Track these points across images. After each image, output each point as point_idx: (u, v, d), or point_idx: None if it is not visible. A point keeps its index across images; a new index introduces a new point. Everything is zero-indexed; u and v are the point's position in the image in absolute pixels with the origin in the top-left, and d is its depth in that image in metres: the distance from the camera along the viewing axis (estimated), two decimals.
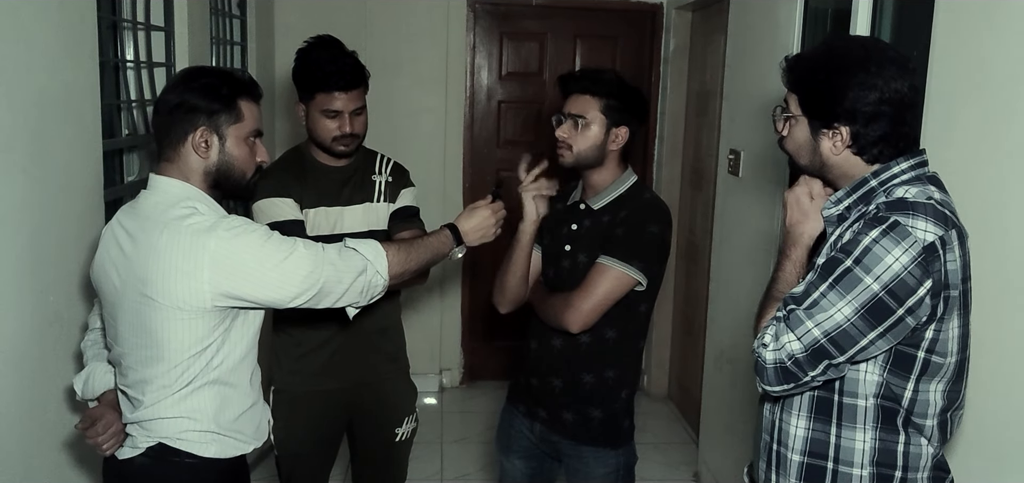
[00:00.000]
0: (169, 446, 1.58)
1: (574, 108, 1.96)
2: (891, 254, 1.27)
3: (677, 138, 4.25)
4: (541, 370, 2.07)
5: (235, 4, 3.46)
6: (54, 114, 1.91)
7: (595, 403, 2.01)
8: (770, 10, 2.86)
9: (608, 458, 2.04)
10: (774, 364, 1.34)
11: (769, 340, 1.36)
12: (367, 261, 1.65)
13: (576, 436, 2.03)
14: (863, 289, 1.28)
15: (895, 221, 1.29)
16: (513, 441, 2.17)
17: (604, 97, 1.95)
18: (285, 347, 2.29)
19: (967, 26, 1.83)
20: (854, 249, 1.30)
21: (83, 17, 2.04)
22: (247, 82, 1.66)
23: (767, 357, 1.35)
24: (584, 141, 1.95)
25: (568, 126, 1.96)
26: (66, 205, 1.96)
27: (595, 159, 1.97)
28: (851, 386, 1.40)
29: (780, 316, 1.37)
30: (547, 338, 2.04)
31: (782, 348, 1.33)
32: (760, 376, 1.37)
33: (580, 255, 1.99)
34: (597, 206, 2.02)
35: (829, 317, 1.30)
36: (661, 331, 4.42)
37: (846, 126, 1.37)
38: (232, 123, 1.59)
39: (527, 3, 4.22)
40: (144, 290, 1.51)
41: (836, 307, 1.30)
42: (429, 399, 4.32)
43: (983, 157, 1.77)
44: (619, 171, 2.02)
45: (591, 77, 1.98)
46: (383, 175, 2.30)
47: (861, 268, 1.29)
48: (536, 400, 2.09)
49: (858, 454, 1.40)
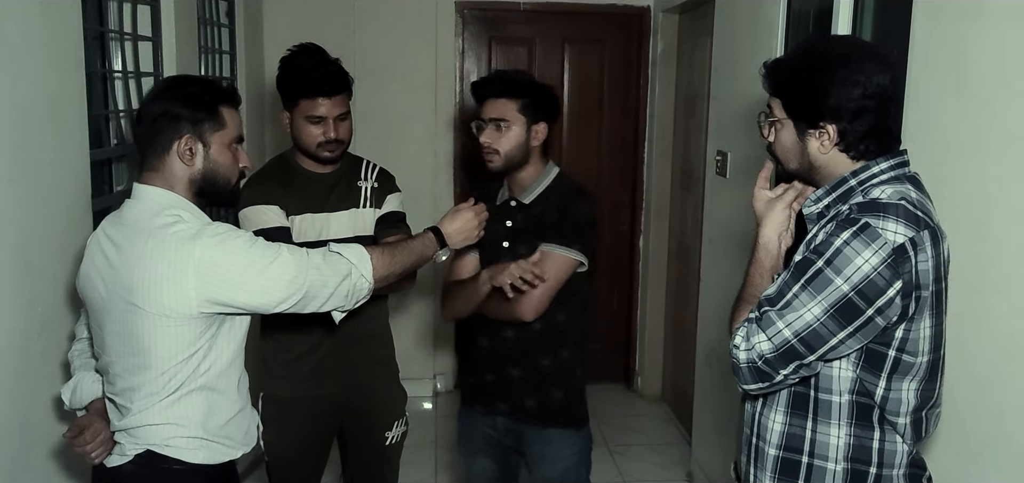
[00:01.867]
0: (157, 453, 1.59)
1: (494, 112, 2.03)
2: (861, 255, 1.29)
3: (666, 140, 4.26)
4: (495, 364, 2.12)
5: (223, 13, 3.47)
6: (40, 124, 1.91)
7: (555, 384, 2.09)
8: (754, 12, 2.88)
9: (573, 439, 2.12)
10: (747, 364, 1.37)
11: (740, 341, 1.38)
12: (351, 265, 1.66)
13: (541, 419, 2.10)
14: (833, 290, 1.30)
15: (865, 222, 1.30)
16: (476, 442, 2.22)
17: (520, 97, 2.03)
18: (273, 352, 2.30)
19: (946, 25, 1.85)
20: (826, 250, 1.32)
21: (69, 27, 2.05)
22: (228, 90, 1.68)
23: (740, 357, 1.38)
24: (508, 142, 2.03)
25: (491, 131, 2.03)
26: (53, 214, 1.97)
27: (521, 158, 2.05)
28: (826, 382, 1.41)
29: (753, 317, 1.39)
30: (497, 331, 2.10)
31: (753, 348, 1.36)
32: (737, 375, 1.40)
33: (520, 249, 2.05)
34: (527, 200, 2.09)
35: (799, 317, 1.32)
36: (653, 332, 4.43)
37: (832, 124, 1.38)
38: (216, 130, 1.61)
39: (515, 7, 4.24)
40: (130, 298, 1.52)
41: (806, 307, 1.32)
42: (424, 404, 4.33)
43: (962, 156, 1.78)
44: (542, 165, 2.11)
45: (506, 80, 2.07)
46: (369, 181, 2.31)
47: (831, 269, 1.30)
48: (494, 395, 2.14)
49: (833, 449, 1.41)
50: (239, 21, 3.54)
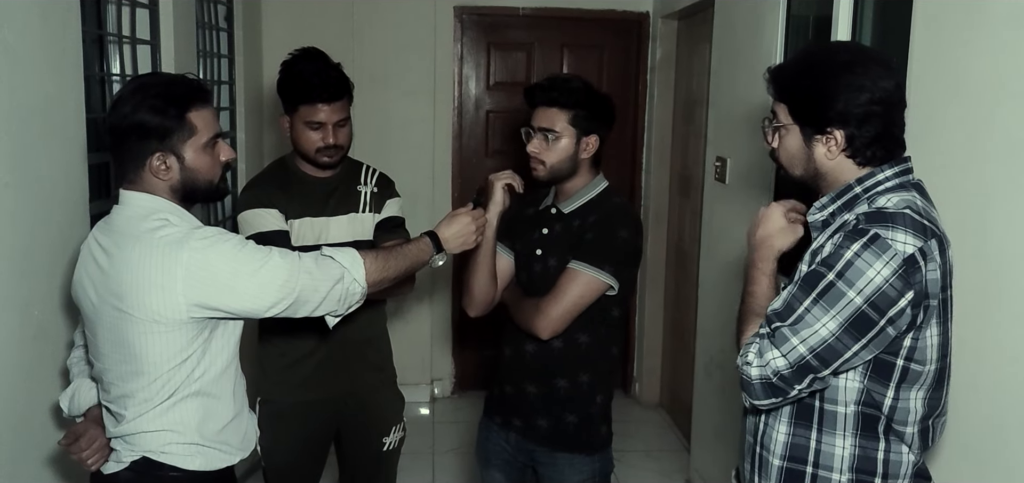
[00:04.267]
0: (153, 460, 1.57)
1: (543, 122, 1.95)
2: (872, 267, 1.28)
3: (665, 146, 4.26)
4: (514, 377, 2.07)
5: (222, 17, 3.47)
6: (38, 127, 1.91)
7: (569, 408, 2.01)
8: (754, 18, 2.89)
9: (582, 464, 2.03)
10: (760, 380, 1.35)
11: (753, 357, 1.36)
12: (344, 269, 1.64)
13: (551, 442, 2.03)
14: (846, 303, 1.29)
15: (875, 233, 1.29)
16: (492, 455, 2.17)
17: (572, 108, 1.94)
18: (271, 357, 2.29)
19: (946, 31, 1.85)
20: (836, 262, 1.31)
21: (67, 31, 2.04)
22: (194, 89, 1.58)
23: (752, 374, 1.36)
24: (555, 154, 1.95)
25: (538, 141, 1.96)
26: (50, 218, 1.96)
27: (568, 171, 1.98)
28: (832, 393, 1.40)
29: (764, 333, 1.37)
30: (520, 344, 2.03)
31: (767, 365, 1.34)
32: (747, 391, 1.38)
33: (550, 259, 1.99)
34: (567, 210, 2.02)
35: (814, 333, 1.31)
36: (652, 339, 4.42)
37: (840, 130, 1.37)
38: (187, 139, 1.54)
39: (514, 13, 4.24)
40: (119, 305, 1.50)
41: (820, 322, 1.31)
42: (421, 409, 4.32)
43: (963, 161, 1.78)
44: (590, 176, 2.03)
45: (558, 88, 1.97)
46: (368, 186, 2.30)
47: (843, 282, 1.29)
48: (511, 409, 2.09)
49: (838, 459, 1.40)
50: (238, 25, 3.54)
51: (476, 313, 2.11)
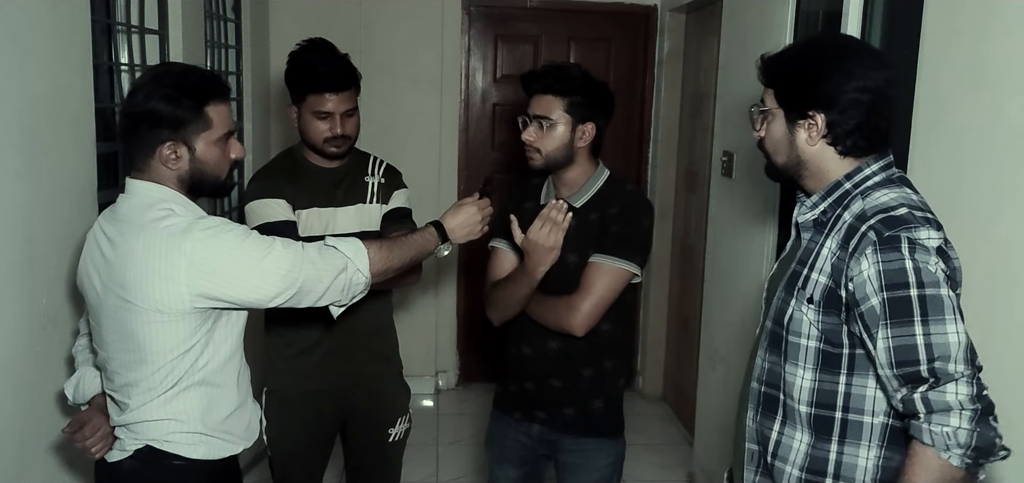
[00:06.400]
0: (157, 448, 1.58)
1: (538, 109, 1.95)
2: (928, 263, 1.26)
3: (671, 140, 4.25)
4: (536, 374, 2.05)
5: (230, 7, 3.47)
6: (47, 117, 1.91)
7: (596, 394, 2.03)
8: (763, 12, 2.87)
9: (609, 448, 2.06)
10: (971, 428, 1.24)
11: (953, 419, 1.25)
12: (347, 259, 1.63)
13: (579, 429, 2.04)
14: (943, 300, 1.26)
15: (904, 237, 1.27)
16: (507, 450, 2.15)
17: (567, 95, 1.93)
18: (277, 347, 2.29)
19: (956, 27, 1.84)
20: (902, 278, 1.26)
21: (76, 20, 2.04)
22: (214, 84, 1.60)
23: (961, 437, 1.24)
24: (551, 142, 1.94)
25: (533, 129, 1.95)
26: (59, 207, 1.97)
27: (564, 159, 1.97)
28: (858, 403, 1.38)
29: (917, 395, 1.27)
30: (542, 341, 2.02)
31: (962, 407, 1.24)
32: (982, 454, 1.26)
33: (570, 256, 1.96)
34: (579, 204, 2.00)
35: (948, 344, 1.26)
36: (656, 332, 4.42)
37: (821, 113, 1.36)
38: (201, 131, 1.55)
39: (521, 5, 4.23)
40: (123, 294, 1.51)
41: (946, 333, 1.26)
42: (425, 401, 4.33)
43: (972, 157, 1.78)
44: (591, 167, 2.02)
45: (554, 75, 1.96)
46: (376, 176, 2.31)
47: (929, 287, 1.26)
48: (533, 404, 2.07)
49: (861, 470, 1.38)
50: (245, 16, 3.55)
51: (501, 323, 2.08)
